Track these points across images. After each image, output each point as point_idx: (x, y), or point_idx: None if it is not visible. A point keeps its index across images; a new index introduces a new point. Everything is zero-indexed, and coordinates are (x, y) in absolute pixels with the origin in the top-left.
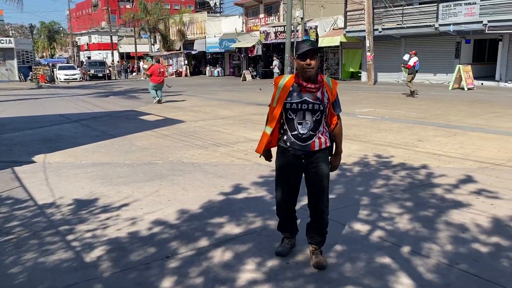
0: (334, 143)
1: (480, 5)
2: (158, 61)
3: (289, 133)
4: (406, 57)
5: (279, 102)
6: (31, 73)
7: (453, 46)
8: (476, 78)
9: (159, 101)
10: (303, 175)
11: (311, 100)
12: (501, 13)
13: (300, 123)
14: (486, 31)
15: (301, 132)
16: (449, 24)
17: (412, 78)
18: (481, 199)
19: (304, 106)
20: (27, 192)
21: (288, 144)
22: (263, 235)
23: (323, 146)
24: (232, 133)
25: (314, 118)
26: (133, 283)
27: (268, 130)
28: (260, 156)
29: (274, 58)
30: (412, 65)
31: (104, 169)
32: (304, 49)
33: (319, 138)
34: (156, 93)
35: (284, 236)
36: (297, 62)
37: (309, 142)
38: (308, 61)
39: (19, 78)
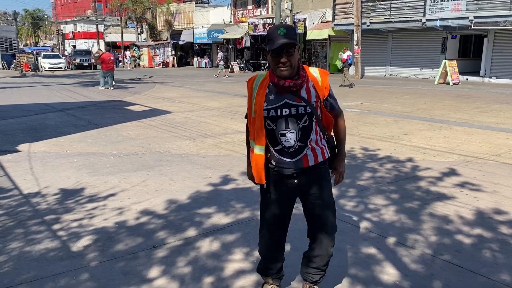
0: (335, 150)
1: (467, 1)
2: (108, 50)
3: (272, 149)
4: (341, 54)
5: (258, 110)
6: (14, 61)
7: (439, 41)
8: (461, 73)
9: (113, 87)
10: (298, 199)
11: (293, 102)
12: (487, 10)
13: (283, 134)
14: (472, 27)
15: (287, 145)
16: (436, 19)
17: (347, 70)
18: (465, 192)
19: (285, 111)
20: (11, 181)
21: (273, 163)
22: (251, 226)
23: (320, 159)
24: (219, 125)
25: (300, 125)
26: (120, 273)
27: (260, 150)
28: (265, 187)
29: (218, 50)
30: (346, 58)
31: (90, 159)
32: (278, 44)
33: (313, 149)
34: (105, 80)
35: (265, 281)
36: (269, 58)
37: (300, 156)
38: (283, 59)
39: (2, 66)
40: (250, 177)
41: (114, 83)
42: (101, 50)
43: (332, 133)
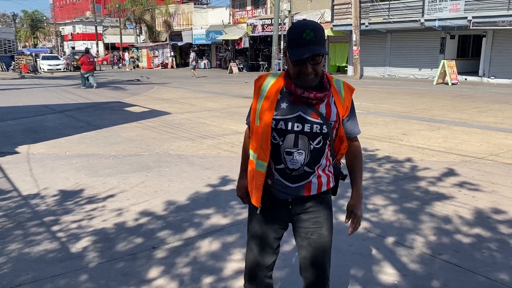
0: (339, 179)
1: (465, 1)
2: (87, 52)
3: (272, 166)
4: None
5: (265, 117)
6: (13, 63)
7: (438, 42)
8: (460, 73)
9: (94, 87)
10: (289, 227)
11: (308, 117)
12: (485, 10)
13: (289, 153)
14: (471, 27)
15: (291, 166)
16: (435, 20)
17: None
18: (464, 192)
19: (297, 127)
20: (10, 182)
21: (269, 181)
22: None
23: (324, 189)
24: (218, 125)
25: (312, 146)
26: (119, 274)
27: (261, 166)
28: (258, 211)
29: (191, 50)
30: None
31: (89, 160)
32: (304, 55)
33: (319, 177)
34: (87, 80)
35: None
36: (288, 61)
37: (303, 183)
38: (308, 68)
39: (1, 67)
40: (240, 193)
41: (95, 83)
42: (80, 54)
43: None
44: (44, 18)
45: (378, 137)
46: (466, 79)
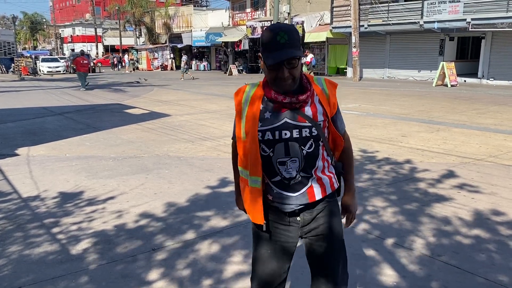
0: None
1: (464, 3)
2: (82, 54)
3: (268, 181)
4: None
5: (251, 132)
6: (13, 65)
7: (437, 43)
8: (459, 75)
9: (87, 85)
10: (300, 240)
11: (295, 122)
12: (484, 12)
13: (282, 163)
14: (470, 29)
15: (287, 176)
16: (434, 21)
17: (311, 72)
18: (463, 193)
19: (285, 134)
20: (10, 185)
21: (270, 197)
22: (249, 228)
23: (329, 191)
24: (218, 127)
25: (305, 151)
26: (119, 275)
27: (255, 182)
28: (264, 228)
29: (183, 53)
30: (309, 61)
31: (89, 162)
32: (278, 58)
33: (319, 179)
34: (85, 79)
35: None
36: (264, 67)
37: (304, 189)
38: (284, 73)
39: (1, 70)
40: (242, 207)
41: (85, 85)
42: (77, 54)
43: None
44: (44, 20)
45: (378, 138)
46: (465, 80)
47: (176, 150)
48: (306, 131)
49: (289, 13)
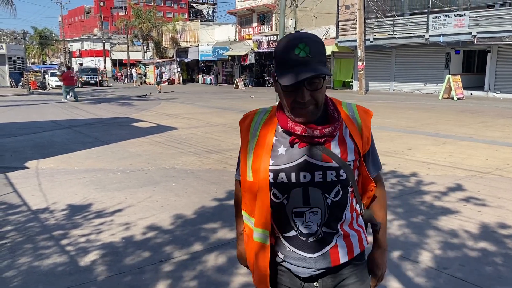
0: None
1: (469, 17)
2: (69, 68)
3: (280, 235)
4: None
5: (259, 169)
6: (22, 79)
7: (443, 57)
8: (465, 88)
9: (76, 99)
10: None
11: (318, 162)
12: (489, 25)
13: (299, 214)
14: (475, 43)
15: (305, 231)
16: (439, 35)
17: None
18: (469, 206)
19: (305, 177)
20: (20, 197)
21: (280, 256)
22: None
23: (357, 251)
24: (224, 140)
25: (329, 201)
26: (127, 287)
27: (262, 236)
28: None
29: (155, 67)
30: None
31: (97, 175)
32: (297, 78)
33: (346, 236)
34: (68, 93)
35: None
36: (279, 89)
37: (326, 249)
38: (304, 95)
39: (10, 84)
40: (245, 263)
41: (77, 96)
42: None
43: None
44: (53, 35)
45: (384, 151)
46: (471, 93)
47: (183, 163)
48: (332, 174)
49: (294, 27)
